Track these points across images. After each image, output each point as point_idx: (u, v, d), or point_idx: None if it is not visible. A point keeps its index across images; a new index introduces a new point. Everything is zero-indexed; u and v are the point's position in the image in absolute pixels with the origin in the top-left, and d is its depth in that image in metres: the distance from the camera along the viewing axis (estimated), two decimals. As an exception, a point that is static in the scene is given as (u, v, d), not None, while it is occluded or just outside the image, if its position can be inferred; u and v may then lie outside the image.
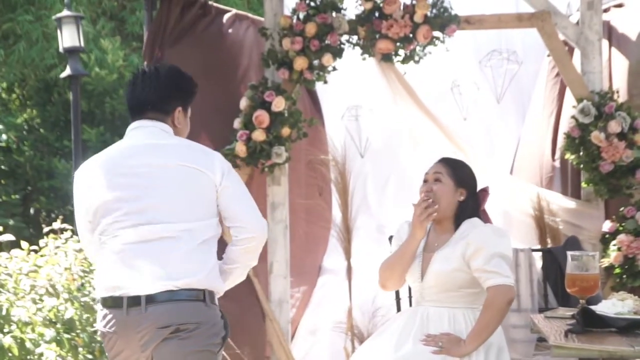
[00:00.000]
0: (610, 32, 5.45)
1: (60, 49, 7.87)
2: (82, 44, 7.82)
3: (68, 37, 7.68)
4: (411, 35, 5.16)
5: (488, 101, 6.06)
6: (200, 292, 3.08)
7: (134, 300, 3.06)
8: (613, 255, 5.05)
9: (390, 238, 4.24)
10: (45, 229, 5.42)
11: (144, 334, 3.06)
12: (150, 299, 3.05)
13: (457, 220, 3.71)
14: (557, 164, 5.61)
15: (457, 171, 3.76)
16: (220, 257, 3.26)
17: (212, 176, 3.16)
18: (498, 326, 3.57)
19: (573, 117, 5.17)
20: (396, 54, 5.24)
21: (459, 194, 3.72)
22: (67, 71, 7.75)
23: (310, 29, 5.16)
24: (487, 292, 3.55)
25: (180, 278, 3.06)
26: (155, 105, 3.26)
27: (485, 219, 3.79)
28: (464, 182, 3.74)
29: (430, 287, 3.68)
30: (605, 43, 5.39)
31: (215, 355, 3.13)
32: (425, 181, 3.78)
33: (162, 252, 3.09)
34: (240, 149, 5.21)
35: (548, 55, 5.68)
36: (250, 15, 5.92)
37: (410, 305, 4.21)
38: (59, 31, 7.87)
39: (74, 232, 5.50)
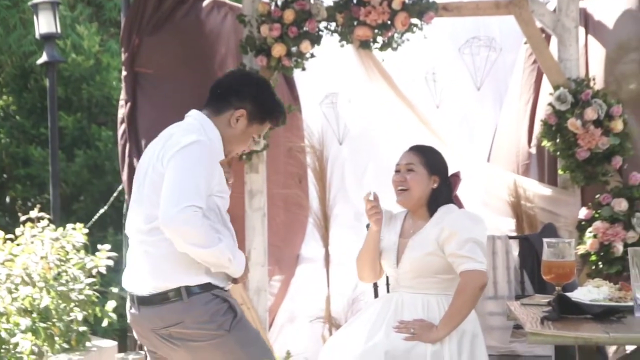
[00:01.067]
0: (586, 20, 5.47)
1: (37, 35, 7.80)
2: (59, 30, 7.75)
3: (44, 24, 7.61)
4: (389, 22, 5.15)
5: (467, 88, 6.07)
6: (172, 291, 3.10)
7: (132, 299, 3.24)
8: (589, 242, 5.07)
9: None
10: (22, 218, 5.38)
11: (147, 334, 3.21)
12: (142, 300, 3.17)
13: (432, 207, 3.72)
14: (534, 151, 5.63)
15: (430, 159, 3.76)
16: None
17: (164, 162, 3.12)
18: (470, 311, 3.58)
19: (550, 104, 5.18)
20: (374, 41, 5.24)
21: (432, 181, 3.72)
22: (44, 57, 7.68)
23: (289, 15, 5.14)
24: (460, 277, 3.56)
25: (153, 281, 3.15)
26: None
27: (458, 204, 3.79)
28: (437, 170, 3.75)
29: (405, 272, 3.69)
30: (581, 31, 5.40)
31: (222, 338, 3.10)
32: (397, 171, 3.77)
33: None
34: (218, 136, 5.18)
35: (525, 43, 5.69)
36: (228, 1, 5.89)
37: (388, 292, 4.23)
38: (35, 17, 7.79)
39: (51, 221, 5.46)
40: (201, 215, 2.99)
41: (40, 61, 7.77)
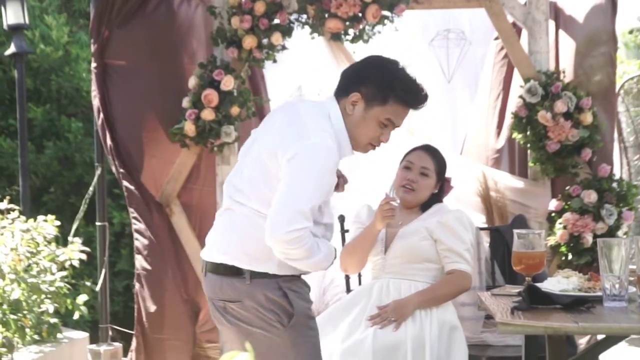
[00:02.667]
0: (557, 14, 5.50)
1: (5, 26, 7.72)
2: (27, 21, 7.68)
3: (12, 14, 7.53)
4: (360, 14, 5.15)
5: (438, 81, 6.09)
6: (238, 268, 2.99)
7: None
8: (559, 233, 5.12)
9: (340, 217, 4.29)
10: (-9, 209, 5.33)
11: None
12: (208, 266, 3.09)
13: (425, 205, 3.84)
14: (503, 144, 5.68)
15: (441, 167, 3.90)
16: None
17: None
18: (444, 301, 3.65)
19: (520, 96, 5.22)
20: (345, 33, 5.24)
21: (436, 187, 3.83)
22: (12, 49, 7.61)
23: (259, 7, 5.13)
24: (450, 273, 3.65)
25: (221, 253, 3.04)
26: None
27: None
28: (442, 178, 3.87)
29: (394, 257, 3.73)
30: (552, 25, 5.44)
31: (276, 331, 2.97)
32: (408, 168, 3.82)
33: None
34: (189, 128, 5.17)
35: (496, 39, 5.73)
36: (199, -7, 5.86)
37: (360, 284, 4.25)
38: (2, 8, 7.71)
39: (21, 212, 5.42)
40: (308, 233, 2.86)
41: (8, 52, 7.69)
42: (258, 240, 2.91)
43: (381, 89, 3.00)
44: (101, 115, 5.38)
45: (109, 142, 5.37)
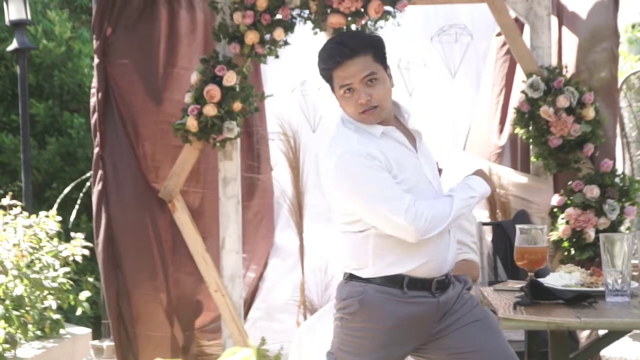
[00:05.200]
0: (560, 11, 5.50)
1: (7, 22, 7.73)
2: (29, 17, 7.69)
3: (14, 10, 7.54)
4: (362, 9, 5.15)
5: (441, 77, 6.08)
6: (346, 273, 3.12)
7: None
8: (561, 228, 5.12)
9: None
10: (-6, 205, 5.35)
11: None
12: None
13: None
14: (506, 141, 5.68)
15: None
16: None
17: None
18: None
19: (522, 91, 5.22)
20: (348, 29, 5.23)
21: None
22: (14, 44, 7.61)
23: (262, 2, 5.12)
24: (464, 261, 3.67)
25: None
26: None
27: None
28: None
29: None
30: (556, 21, 5.44)
31: (338, 324, 3.11)
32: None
33: None
34: (192, 123, 5.17)
35: (497, 35, 5.73)
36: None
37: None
38: (5, 3, 7.72)
39: (24, 208, 5.43)
40: (420, 207, 2.94)
41: (10, 48, 7.70)
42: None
43: (321, 74, 3.12)
44: (95, 114, 5.37)
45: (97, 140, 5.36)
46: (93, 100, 5.40)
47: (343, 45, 3.04)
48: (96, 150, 5.35)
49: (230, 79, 5.15)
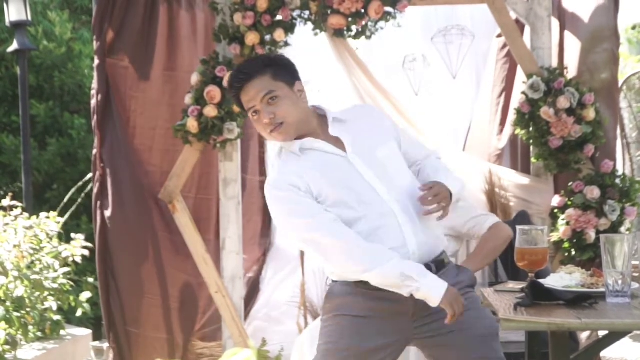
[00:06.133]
0: (561, 12, 5.50)
1: (7, 23, 7.73)
2: (30, 18, 7.69)
3: (15, 11, 7.54)
4: (363, 10, 5.15)
5: (442, 77, 6.09)
6: None
7: None
8: (562, 229, 5.12)
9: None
10: (-6, 206, 5.34)
11: None
12: None
13: None
14: (506, 142, 5.69)
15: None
16: None
17: None
18: (495, 257, 3.97)
19: (523, 92, 5.22)
20: (348, 30, 5.24)
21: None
22: (15, 45, 7.61)
23: (262, 3, 5.13)
24: (490, 229, 3.72)
25: None
26: None
27: None
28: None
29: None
30: (557, 23, 5.44)
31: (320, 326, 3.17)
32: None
33: None
34: (192, 124, 5.18)
35: (498, 36, 5.73)
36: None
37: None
38: (5, 4, 7.72)
39: (24, 209, 5.43)
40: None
41: (11, 49, 7.70)
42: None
43: (234, 104, 3.20)
44: (96, 116, 5.38)
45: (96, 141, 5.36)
46: (93, 102, 5.41)
47: (238, 72, 3.07)
48: (95, 150, 5.36)
49: (231, 80, 5.15)
